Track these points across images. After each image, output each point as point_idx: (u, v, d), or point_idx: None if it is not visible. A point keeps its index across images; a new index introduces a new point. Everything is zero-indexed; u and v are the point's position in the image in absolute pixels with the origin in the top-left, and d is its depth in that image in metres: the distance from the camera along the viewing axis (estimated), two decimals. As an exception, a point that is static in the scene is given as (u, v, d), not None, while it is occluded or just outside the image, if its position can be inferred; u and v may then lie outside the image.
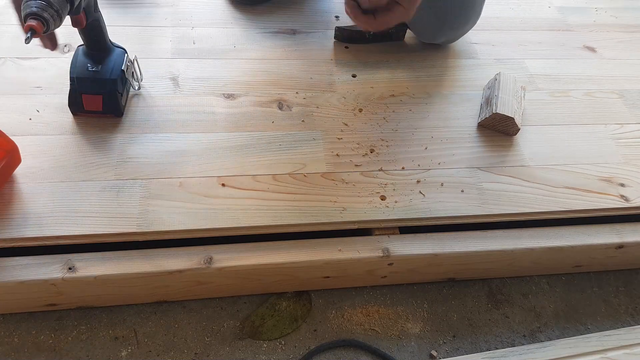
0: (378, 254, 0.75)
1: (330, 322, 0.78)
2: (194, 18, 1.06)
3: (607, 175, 0.88)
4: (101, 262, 0.70)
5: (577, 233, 0.82)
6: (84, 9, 0.71)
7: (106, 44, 0.82)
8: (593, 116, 0.98)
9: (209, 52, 0.99)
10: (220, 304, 0.78)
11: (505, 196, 0.82)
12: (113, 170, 0.78)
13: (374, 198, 0.80)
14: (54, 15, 0.62)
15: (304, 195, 0.79)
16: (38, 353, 0.71)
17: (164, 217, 0.74)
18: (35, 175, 0.76)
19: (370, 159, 0.85)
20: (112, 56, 0.83)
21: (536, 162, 0.88)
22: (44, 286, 0.69)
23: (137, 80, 0.88)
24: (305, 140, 0.86)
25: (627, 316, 0.84)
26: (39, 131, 0.82)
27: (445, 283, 0.84)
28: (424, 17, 0.97)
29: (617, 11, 1.24)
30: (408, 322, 0.79)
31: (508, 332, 0.80)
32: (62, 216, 0.72)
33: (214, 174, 0.80)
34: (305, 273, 0.76)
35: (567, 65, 1.07)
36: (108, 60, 0.82)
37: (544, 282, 0.86)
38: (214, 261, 0.72)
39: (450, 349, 0.77)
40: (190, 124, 0.86)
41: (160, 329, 0.75)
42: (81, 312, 0.75)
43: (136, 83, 0.88)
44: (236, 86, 0.93)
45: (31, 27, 0.61)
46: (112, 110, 0.83)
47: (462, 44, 1.07)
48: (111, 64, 0.81)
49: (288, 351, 0.75)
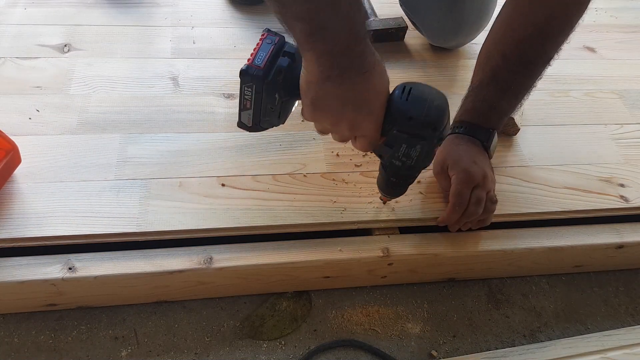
0: (378, 254, 0.75)
1: (330, 322, 0.78)
2: (194, 18, 1.06)
3: (606, 176, 0.88)
4: (101, 262, 0.70)
5: (577, 233, 0.82)
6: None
7: None
8: (593, 116, 0.98)
9: (209, 52, 0.99)
10: (220, 304, 0.78)
11: (505, 196, 0.82)
12: (113, 170, 0.78)
13: (374, 198, 0.80)
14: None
15: (304, 195, 0.79)
16: (38, 353, 0.71)
17: (164, 217, 0.74)
18: (35, 175, 0.76)
19: (370, 159, 0.85)
20: None
21: (536, 162, 0.88)
22: (44, 286, 0.68)
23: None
24: (305, 140, 0.86)
25: (627, 316, 0.84)
26: (39, 131, 0.82)
27: (445, 283, 0.84)
28: (441, 22, 0.98)
29: (616, 11, 1.24)
30: (408, 322, 0.79)
31: (508, 332, 0.80)
32: (62, 216, 0.72)
33: (214, 174, 0.80)
34: (305, 273, 0.76)
35: (567, 65, 1.07)
36: None
37: (544, 282, 0.86)
38: (214, 261, 0.72)
39: (450, 349, 0.77)
40: (190, 124, 0.86)
41: (160, 329, 0.75)
42: (81, 312, 0.75)
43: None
44: (236, 86, 0.91)
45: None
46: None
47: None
48: None
49: (288, 351, 0.75)
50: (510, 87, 0.77)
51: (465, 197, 0.73)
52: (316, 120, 0.63)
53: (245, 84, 0.63)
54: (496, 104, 0.78)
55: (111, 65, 0.94)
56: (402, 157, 0.64)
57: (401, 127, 0.61)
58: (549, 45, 0.75)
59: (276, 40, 0.63)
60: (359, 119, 0.60)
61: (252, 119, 0.67)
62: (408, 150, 0.63)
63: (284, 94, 0.63)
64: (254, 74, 0.62)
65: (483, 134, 0.79)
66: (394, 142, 0.63)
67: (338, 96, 0.58)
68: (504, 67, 0.76)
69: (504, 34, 0.76)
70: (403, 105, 0.60)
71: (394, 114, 0.61)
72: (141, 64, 0.94)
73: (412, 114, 0.60)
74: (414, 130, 0.61)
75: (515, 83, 0.77)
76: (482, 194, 0.74)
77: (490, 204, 0.75)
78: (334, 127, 0.63)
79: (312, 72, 0.57)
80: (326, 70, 0.56)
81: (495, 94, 0.77)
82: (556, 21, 0.73)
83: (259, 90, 0.63)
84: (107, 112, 0.86)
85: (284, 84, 0.62)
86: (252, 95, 0.64)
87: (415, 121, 0.61)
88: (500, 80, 0.76)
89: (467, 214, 0.74)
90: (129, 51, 0.97)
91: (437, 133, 0.62)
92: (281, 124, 0.69)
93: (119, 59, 0.95)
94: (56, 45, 0.96)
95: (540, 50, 0.75)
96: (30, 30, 0.98)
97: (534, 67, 0.76)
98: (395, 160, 0.65)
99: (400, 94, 0.61)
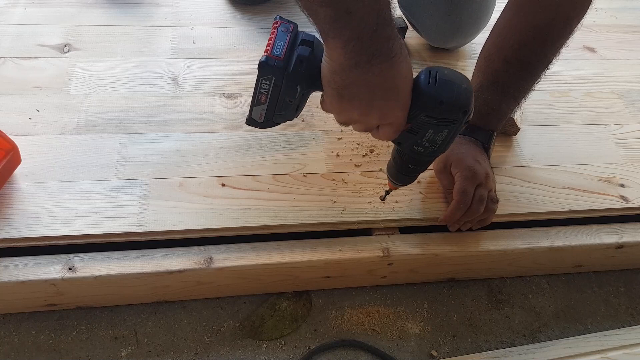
0: (378, 254, 0.75)
1: (330, 322, 0.78)
2: (194, 18, 1.06)
3: (606, 176, 0.88)
4: (101, 262, 0.70)
5: (577, 233, 0.82)
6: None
7: None
8: (593, 116, 0.98)
9: (209, 52, 0.99)
10: (220, 304, 0.78)
11: (505, 196, 0.82)
12: (113, 170, 0.78)
13: (374, 198, 0.80)
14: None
15: (304, 195, 0.79)
16: (38, 353, 0.71)
17: (164, 217, 0.74)
18: (35, 175, 0.76)
19: (370, 159, 0.85)
20: None
21: (536, 162, 0.88)
22: (44, 286, 0.68)
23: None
24: (305, 140, 0.86)
25: (627, 316, 0.84)
26: (39, 131, 0.82)
27: (445, 283, 0.84)
28: (439, 25, 0.98)
29: (616, 11, 1.24)
30: (408, 322, 0.79)
31: (508, 332, 0.80)
32: (62, 216, 0.72)
33: (214, 174, 0.80)
34: (305, 273, 0.76)
35: (567, 66, 1.07)
36: None
37: (544, 282, 0.86)
38: (214, 261, 0.72)
39: (450, 349, 0.77)
40: (190, 124, 0.86)
41: (160, 329, 0.75)
42: (81, 312, 0.75)
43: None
44: (236, 86, 0.93)
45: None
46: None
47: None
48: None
49: (288, 351, 0.75)
50: (510, 90, 0.77)
51: (469, 195, 0.73)
52: (343, 110, 0.60)
53: (264, 77, 0.60)
54: (496, 106, 0.78)
55: (111, 65, 0.94)
56: (426, 142, 0.63)
57: (431, 112, 0.60)
58: (550, 49, 0.75)
59: (291, 27, 0.60)
60: (388, 106, 0.58)
61: (265, 114, 0.65)
62: (434, 136, 0.62)
63: (306, 85, 0.61)
64: (275, 65, 0.59)
65: (483, 136, 0.79)
66: (419, 129, 0.61)
67: (367, 83, 0.56)
68: (504, 71, 0.76)
69: (506, 37, 0.76)
70: (432, 90, 0.58)
71: (423, 100, 0.59)
72: (141, 64, 0.94)
73: (443, 98, 0.58)
74: (444, 114, 0.60)
75: (516, 86, 0.77)
76: (485, 192, 0.74)
77: (491, 203, 0.76)
78: (362, 117, 0.60)
79: (337, 60, 0.55)
80: (353, 57, 0.54)
81: (496, 97, 0.77)
82: (557, 25, 0.73)
83: (278, 82, 0.60)
84: (107, 112, 0.86)
85: (305, 75, 0.59)
86: (269, 89, 0.61)
87: (446, 106, 0.59)
88: (501, 84, 0.77)
89: (470, 212, 0.74)
90: (129, 51, 0.97)
91: (466, 117, 0.61)
92: (295, 118, 0.67)
93: (119, 59, 0.95)
94: (56, 45, 0.96)
95: (541, 54, 0.75)
96: (30, 30, 0.98)
97: (534, 71, 0.76)
98: (417, 146, 0.63)
99: (426, 78, 0.59)
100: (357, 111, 0.59)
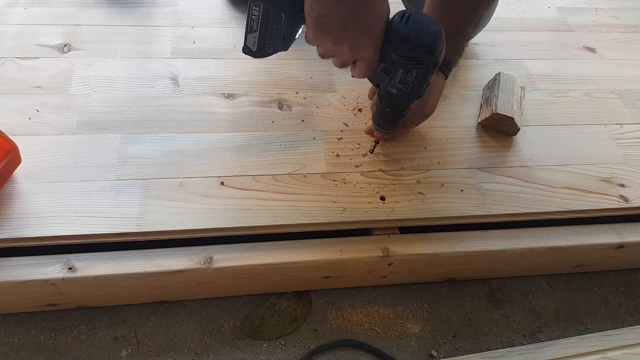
0: (378, 254, 0.75)
1: (330, 322, 0.78)
2: (194, 18, 1.06)
3: (606, 176, 0.88)
4: (101, 262, 0.70)
5: (577, 233, 0.82)
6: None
7: None
8: (593, 116, 0.98)
9: (209, 52, 0.99)
10: (220, 304, 0.78)
11: (505, 196, 0.82)
12: (113, 170, 0.78)
13: (374, 198, 0.80)
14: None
15: (304, 196, 0.79)
16: (38, 353, 0.71)
17: (164, 217, 0.74)
18: (35, 175, 0.76)
19: (370, 159, 0.85)
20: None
21: (536, 162, 0.88)
22: (44, 286, 0.69)
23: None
24: (305, 140, 0.86)
25: (627, 316, 0.84)
26: (39, 131, 0.82)
27: (445, 283, 0.84)
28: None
29: (617, 11, 1.24)
30: (408, 322, 0.79)
31: (508, 332, 0.80)
32: (62, 216, 0.72)
33: (214, 174, 0.80)
34: (305, 273, 0.76)
35: (567, 66, 1.07)
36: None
37: (544, 282, 0.86)
38: (214, 261, 0.72)
39: (450, 349, 0.77)
40: (190, 124, 0.86)
41: (160, 329, 0.75)
42: (81, 312, 0.75)
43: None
44: (236, 86, 0.93)
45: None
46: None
47: (462, 44, 1.07)
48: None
49: (288, 351, 0.75)
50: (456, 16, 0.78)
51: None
52: (319, 40, 0.65)
53: (254, 2, 0.65)
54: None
55: (111, 65, 0.94)
56: (399, 83, 0.68)
57: (399, 50, 0.65)
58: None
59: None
60: (359, 38, 0.63)
61: (257, 43, 0.68)
62: (404, 77, 0.67)
63: (290, 14, 0.65)
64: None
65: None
66: (391, 68, 0.67)
67: (341, 14, 0.61)
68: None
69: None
70: (401, 28, 0.64)
71: (393, 37, 0.64)
72: (141, 64, 0.94)
73: (410, 36, 0.64)
74: (410, 53, 0.65)
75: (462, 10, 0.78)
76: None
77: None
78: (335, 46, 0.65)
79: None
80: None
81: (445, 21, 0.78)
82: None
83: (266, 10, 0.65)
84: (107, 112, 0.86)
85: (290, 4, 0.64)
86: (259, 16, 0.65)
87: (412, 43, 0.64)
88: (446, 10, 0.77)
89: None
90: (129, 51, 0.97)
91: (433, 57, 0.65)
92: (284, 51, 0.70)
93: (119, 59, 0.95)
94: (56, 45, 0.96)
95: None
96: (30, 30, 0.98)
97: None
98: (391, 87, 0.69)
99: (399, 18, 0.65)
100: (330, 40, 0.64)
